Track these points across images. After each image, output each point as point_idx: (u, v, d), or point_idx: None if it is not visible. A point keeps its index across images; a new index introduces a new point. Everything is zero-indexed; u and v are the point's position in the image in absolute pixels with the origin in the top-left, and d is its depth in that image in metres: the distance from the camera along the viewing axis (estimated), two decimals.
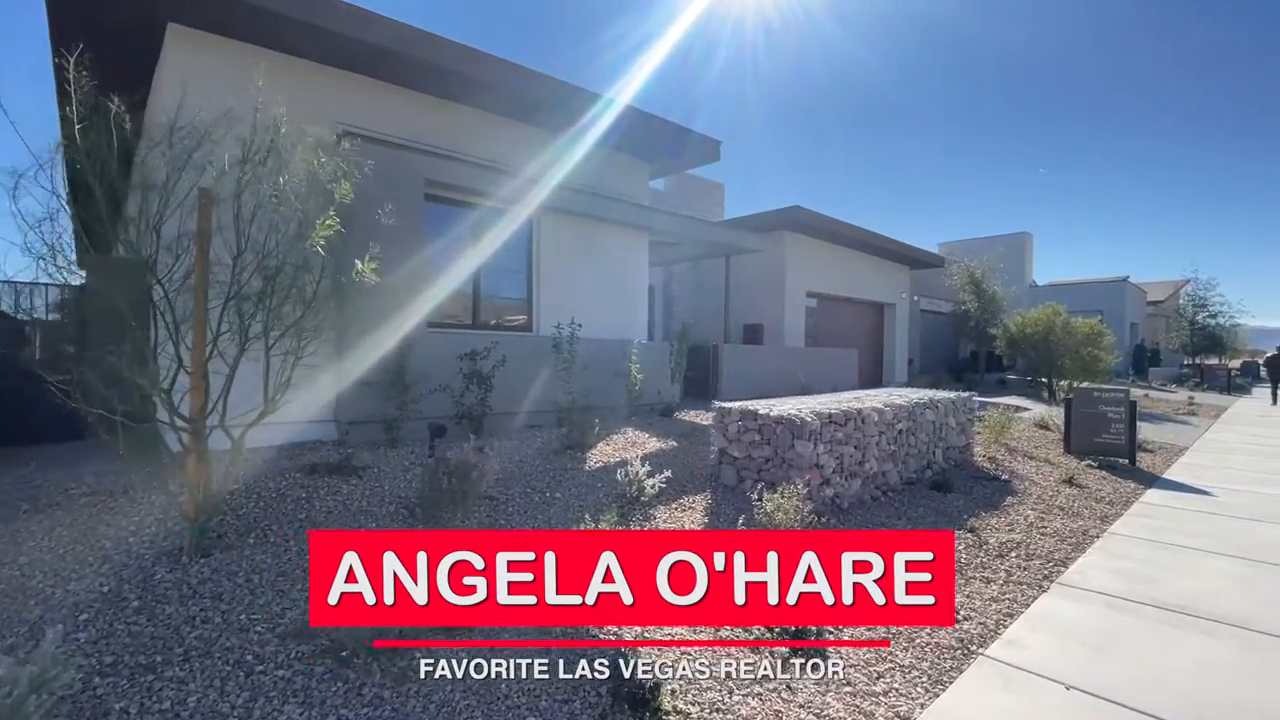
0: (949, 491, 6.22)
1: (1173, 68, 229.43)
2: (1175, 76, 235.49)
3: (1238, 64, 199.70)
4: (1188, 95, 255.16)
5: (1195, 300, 31.60)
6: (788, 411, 5.34)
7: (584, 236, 8.90)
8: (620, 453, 6.53)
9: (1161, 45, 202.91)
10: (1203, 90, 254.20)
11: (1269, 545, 5.11)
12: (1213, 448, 10.05)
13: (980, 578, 4.28)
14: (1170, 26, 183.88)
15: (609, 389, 8.56)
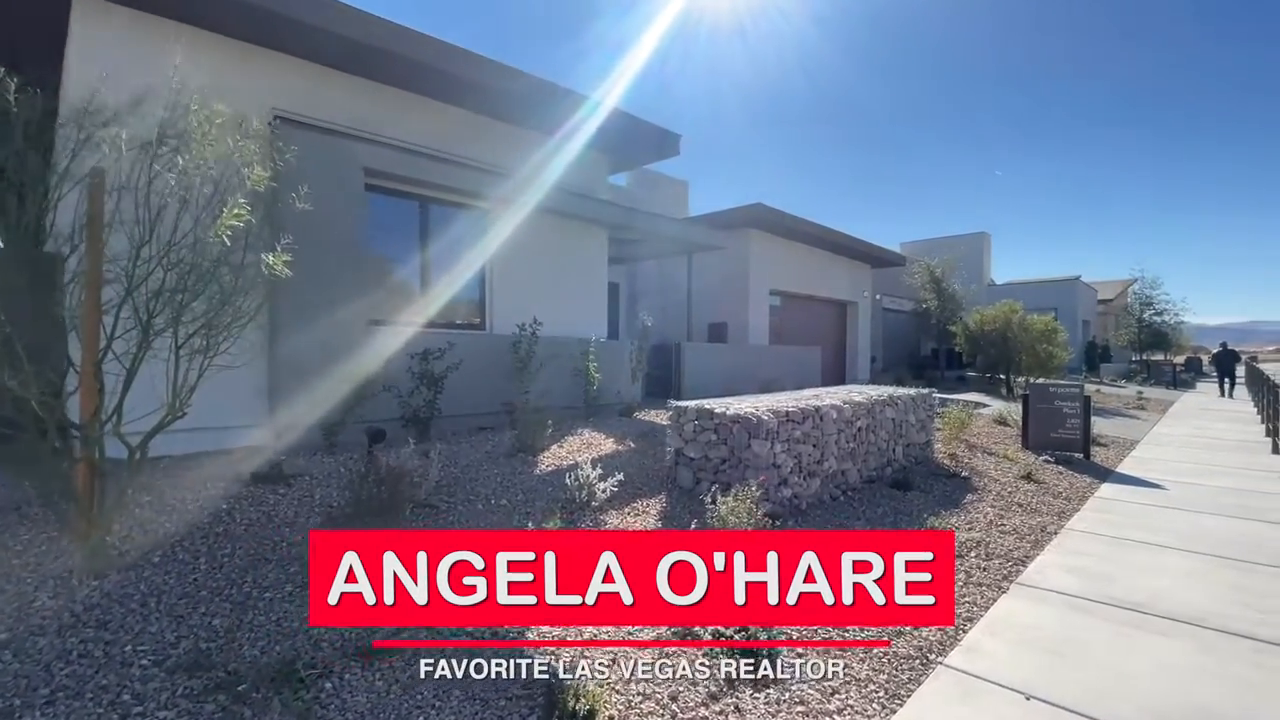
0: (909, 489, 6.13)
1: (1130, 80, 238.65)
2: (1128, 87, 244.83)
3: (1187, 78, 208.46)
4: (1138, 105, 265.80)
5: (1142, 299, 32.76)
6: (744, 410, 5.15)
7: (541, 231, 8.59)
8: (575, 455, 6.27)
9: (1122, 59, 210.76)
10: (1152, 100, 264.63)
11: (1217, 539, 5.12)
12: (1162, 441, 10.28)
13: None
14: (1129, 41, 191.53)
15: (567, 389, 8.29)
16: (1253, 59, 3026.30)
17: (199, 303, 3.72)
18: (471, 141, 8.42)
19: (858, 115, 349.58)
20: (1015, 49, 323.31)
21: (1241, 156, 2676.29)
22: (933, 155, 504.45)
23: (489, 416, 7.39)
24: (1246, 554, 4.75)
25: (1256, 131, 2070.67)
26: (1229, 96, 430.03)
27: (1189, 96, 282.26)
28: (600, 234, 9.39)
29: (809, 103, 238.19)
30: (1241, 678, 3.01)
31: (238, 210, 3.24)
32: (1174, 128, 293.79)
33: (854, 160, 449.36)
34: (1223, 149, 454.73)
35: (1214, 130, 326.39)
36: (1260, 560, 4.61)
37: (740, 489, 4.26)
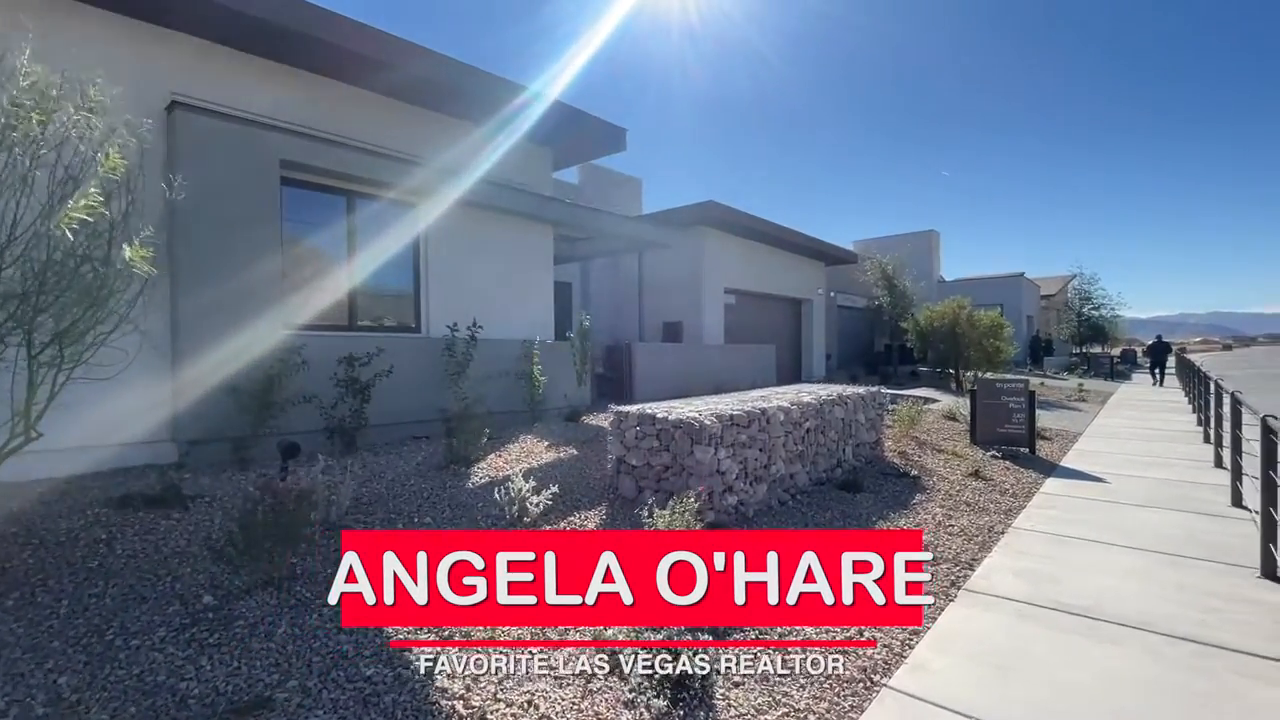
0: (858, 491, 6.00)
1: (1066, 83, 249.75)
2: (1066, 92, 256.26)
3: (1123, 81, 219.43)
4: (1075, 110, 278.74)
5: (1081, 294, 34.14)
6: (687, 414, 4.91)
7: (480, 228, 8.19)
8: (513, 464, 5.93)
9: (1060, 62, 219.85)
10: (1089, 104, 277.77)
11: (1157, 533, 5.13)
12: (1103, 433, 10.53)
13: None
14: (1062, 44, 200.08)
15: (510, 393, 7.92)
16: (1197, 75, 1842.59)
17: (62, 303, 3.26)
18: (403, 133, 7.97)
19: (808, 117, 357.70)
20: (969, 53, 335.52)
21: (1170, 159, 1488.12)
22: (883, 156, 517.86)
23: (424, 425, 6.97)
24: (1184, 548, 4.75)
25: (1181, 139, 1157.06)
26: (1168, 104, 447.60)
27: (1127, 99, 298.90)
28: (545, 231, 9.03)
29: (760, 104, 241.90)
30: (1189, 688, 2.90)
31: (87, 200, 2.80)
32: (1115, 126, 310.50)
33: (805, 160, 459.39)
34: (1153, 151, 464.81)
35: (1144, 133, 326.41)
36: (1197, 555, 4.61)
37: (679, 499, 4.01)
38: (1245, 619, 3.56)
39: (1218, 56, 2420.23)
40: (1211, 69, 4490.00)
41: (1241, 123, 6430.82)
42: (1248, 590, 3.97)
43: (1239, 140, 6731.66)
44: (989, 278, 32.57)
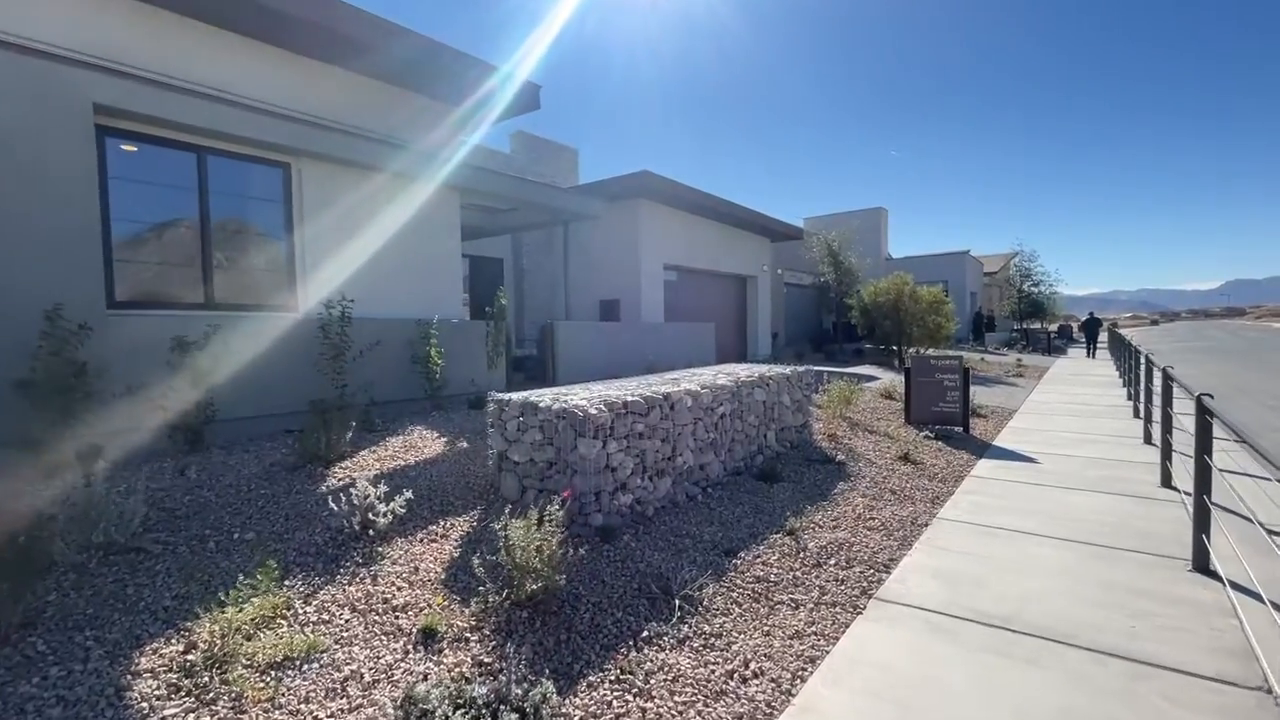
0: (777, 481, 5.48)
1: (1015, 64, 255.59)
2: (1012, 73, 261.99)
3: (1071, 60, 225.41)
4: (1019, 91, 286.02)
5: (1021, 271, 34.89)
6: (574, 403, 4.24)
7: (371, 193, 7.28)
8: (387, 461, 5.17)
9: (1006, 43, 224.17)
10: (1033, 87, 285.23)
11: (1085, 521, 4.77)
12: (1037, 409, 10.39)
13: (788, 602, 3.44)
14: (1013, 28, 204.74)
15: (405, 379, 7.11)
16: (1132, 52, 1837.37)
17: None
18: (270, 83, 6.96)
19: (766, 96, 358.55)
20: (914, 35, 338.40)
21: (1105, 145, 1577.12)
22: (836, 134, 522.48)
23: (298, 417, 6.11)
24: (1113, 538, 4.38)
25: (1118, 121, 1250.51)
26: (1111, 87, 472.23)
27: (1062, 83, 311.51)
28: (451, 199, 8.15)
29: (719, 81, 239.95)
30: None
31: None
32: (1046, 110, 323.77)
33: (762, 139, 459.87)
34: (1090, 136, 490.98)
35: (1081, 117, 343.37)
36: (1126, 545, 4.24)
37: (549, 503, 3.35)
38: (1178, 624, 3.15)
39: (1150, 40, 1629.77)
40: (1142, 54, 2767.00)
41: (1169, 112, 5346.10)
42: (1180, 588, 3.59)
43: (1166, 128, 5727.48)
44: (934, 255, 32.86)
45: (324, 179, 6.89)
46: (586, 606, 3.21)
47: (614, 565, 3.68)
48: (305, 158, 6.71)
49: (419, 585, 3.34)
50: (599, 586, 3.43)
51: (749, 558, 3.94)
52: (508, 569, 3.08)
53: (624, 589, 3.43)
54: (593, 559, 3.73)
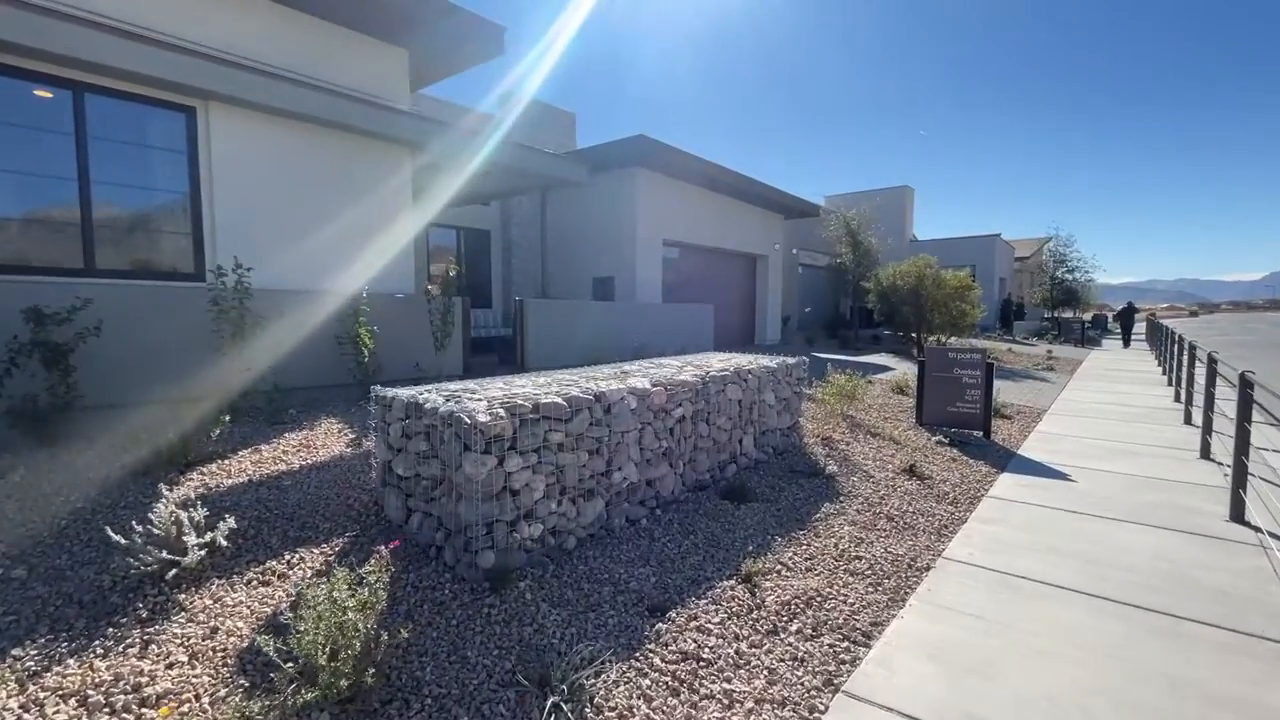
0: (746, 500, 4.47)
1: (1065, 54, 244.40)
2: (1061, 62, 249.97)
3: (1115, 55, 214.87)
4: (1056, 75, 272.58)
5: (1056, 256, 32.92)
6: (468, 404, 3.27)
7: (300, 147, 6.32)
8: (266, 466, 4.26)
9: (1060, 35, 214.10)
10: (1077, 71, 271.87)
11: (1136, 570, 3.70)
12: (1071, 410, 9.18)
13: (719, 698, 2.46)
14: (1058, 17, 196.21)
15: (331, 361, 6.20)
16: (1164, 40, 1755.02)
17: None
18: (179, 13, 5.98)
19: (803, 75, 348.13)
20: None
21: (1146, 132, 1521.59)
22: (869, 112, 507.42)
23: (192, 404, 5.24)
24: (1175, 599, 3.31)
25: (1165, 112, 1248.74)
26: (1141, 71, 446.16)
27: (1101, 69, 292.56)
28: (400, 156, 7.15)
29: (757, 58, 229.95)
30: None
31: None
32: (1078, 97, 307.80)
33: (797, 118, 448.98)
34: (1130, 122, 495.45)
35: (1123, 103, 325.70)
36: (1196, 613, 3.17)
37: (436, 532, 2.40)
38: None
39: (1189, 28, 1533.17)
40: (1173, 44, 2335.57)
41: (1209, 104, 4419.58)
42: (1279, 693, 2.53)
43: (1210, 115, 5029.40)
44: (962, 238, 31.10)
45: (240, 127, 5.93)
46: (422, 708, 2.26)
47: (489, 631, 2.73)
48: (216, 101, 5.76)
49: (202, 660, 2.41)
50: (454, 669, 2.48)
51: (682, 619, 2.95)
52: (300, 657, 2.13)
53: (488, 673, 2.47)
54: (464, 621, 2.78)
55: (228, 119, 5.86)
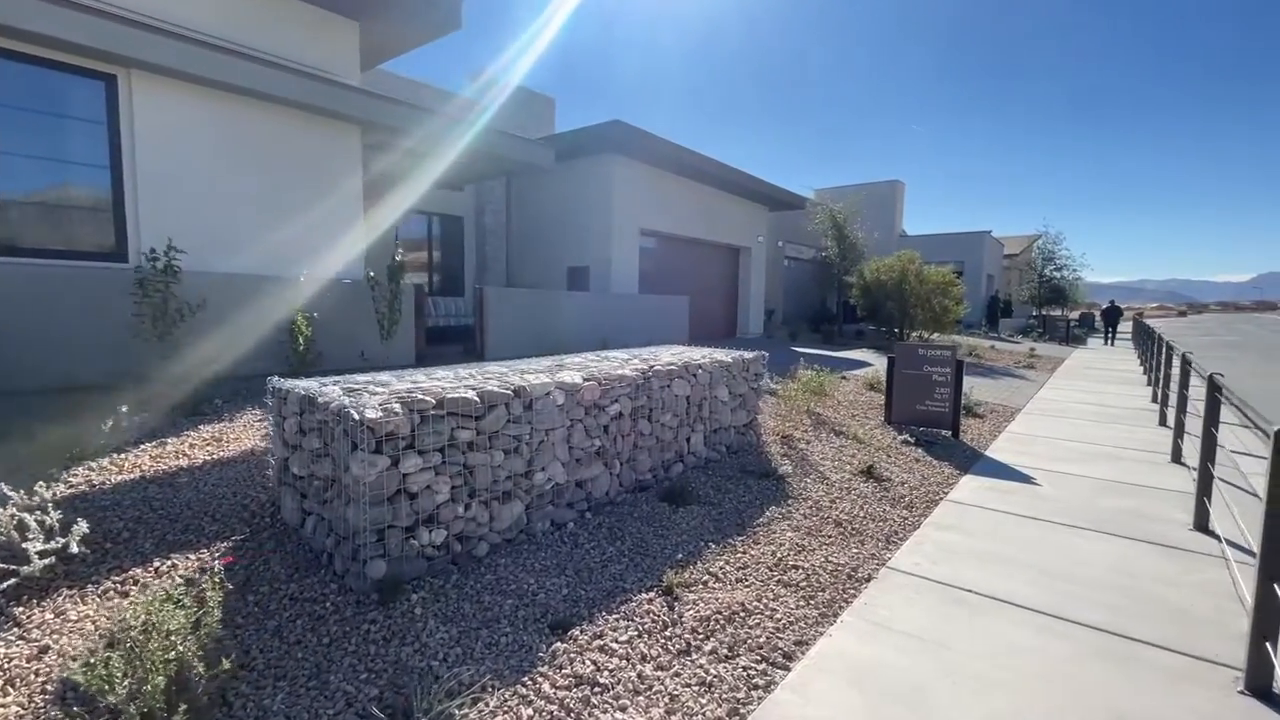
0: (686, 503, 4.20)
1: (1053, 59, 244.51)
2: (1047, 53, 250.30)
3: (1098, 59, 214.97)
4: (1051, 75, 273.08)
5: (1044, 254, 32.80)
6: (369, 398, 2.98)
7: (238, 122, 5.97)
8: (165, 461, 3.95)
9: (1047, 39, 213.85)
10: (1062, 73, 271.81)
11: (1092, 581, 3.47)
12: (1045, 409, 8.98)
13: None
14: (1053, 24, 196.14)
15: (265, 349, 5.87)
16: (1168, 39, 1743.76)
17: None
18: None
19: (792, 68, 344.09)
20: None
21: (1138, 132, 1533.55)
22: (860, 109, 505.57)
23: (112, 395, 4.91)
24: (1130, 618, 3.08)
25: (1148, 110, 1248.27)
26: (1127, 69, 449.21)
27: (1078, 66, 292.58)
28: (347, 134, 6.80)
29: (745, 53, 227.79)
30: None
31: None
32: (1075, 96, 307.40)
33: (785, 112, 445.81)
34: (1123, 122, 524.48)
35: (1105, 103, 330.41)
36: (1149, 634, 2.93)
37: (327, 538, 2.12)
38: None
39: (1188, 30, 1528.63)
40: (1176, 47, 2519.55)
41: (1201, 109, 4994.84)
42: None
43: (1202, 120, 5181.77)
44: (952, 234, 30.92)
45: (167, 98, 5.57)
46: None
47: (363, 651, 2.45)
48: (139, 70, 5.39)
49: (19, 686, 2.12)
50: (309, 697, 2.20)
51: (586, 638, 2.69)
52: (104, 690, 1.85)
53: (347, 701, 2.20)
54: (338, 639, 2.50)
55: (153, 89, 5.50)
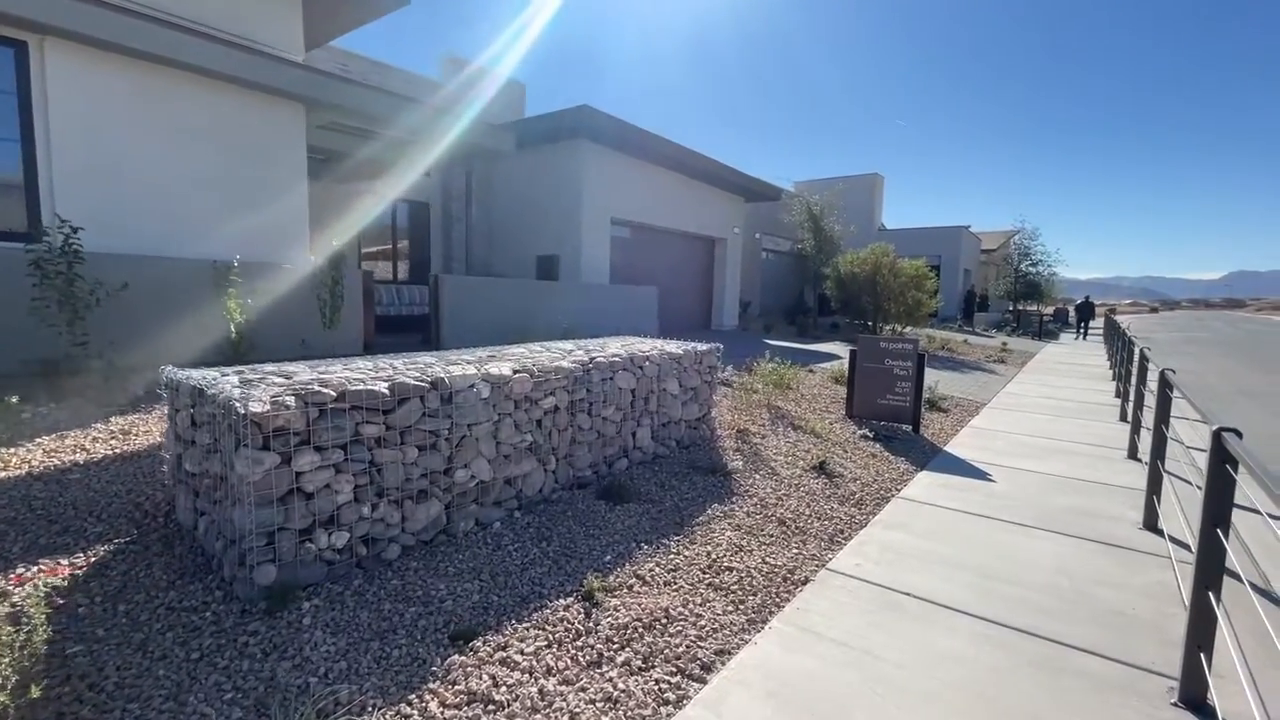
0: (624, 501, 4.03)
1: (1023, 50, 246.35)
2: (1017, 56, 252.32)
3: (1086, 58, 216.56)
4: (1032, 76, 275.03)
5: (1021, 249, 33.07)
6: (264, 390, 2.75)
7: (170, 97, 5.63)
8: (59, 455, 3.68)
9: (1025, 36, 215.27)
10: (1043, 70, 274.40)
11: (1033, 583, 3.36)
12: (1010, 404, 8.95)
13: None
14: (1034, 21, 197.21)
15: (195, 336, 5.58)
16: None
17: None
18: None
19: (783, 63, 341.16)
20: None
21: (1113, 132, 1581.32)
22: (845, 103, 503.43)
23: (13, 383, 4.61)
24: (1068, 621, 2.97)
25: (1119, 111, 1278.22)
26: None
27: None
28: (290, 113, 6.47)
29: (735, 45, 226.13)
30: None
31: None
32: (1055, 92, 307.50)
33: (774, 104, 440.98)
34: (1100, 122, 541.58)
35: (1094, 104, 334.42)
36: (1085, 640, 2.82)
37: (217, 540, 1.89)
38: None
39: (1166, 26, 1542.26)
40: (1146, 49, 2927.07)
41: (1177, 107, 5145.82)
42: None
43: (1173, 122, 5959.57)
44: (929, 229, 31.05)
45: (86, 68, 5.22)
46: None
47: (234, 667, 2.24)
48: (54, 36, 5.03)
49: None
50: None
51: (488, 649, 2.50)
52: None
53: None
54: (209, 654, 2.29)
55: (68, 58, 5.14)
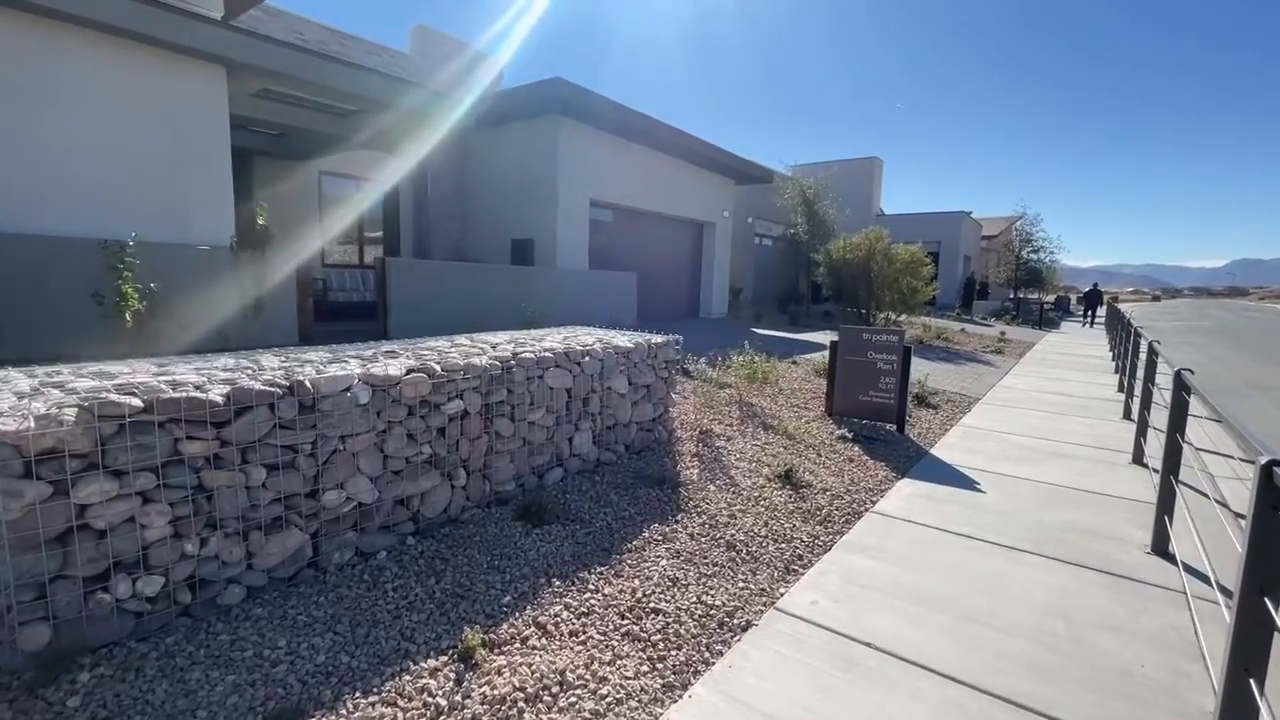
0: (545, 522, 3.46)
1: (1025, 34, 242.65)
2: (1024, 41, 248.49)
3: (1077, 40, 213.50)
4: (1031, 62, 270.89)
5: (1022, 236, 32.33)
6: (68, 396, 2.16)
7: (51, 53, 4.98)
8: None
9: None
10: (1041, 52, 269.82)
11: (1020, 630, 2.79)
12: (1005, 400, 8.37)
13: None
14: None
15: (87, 326, 4.98)
16: None
17: None
18: None
19: (785, 48, 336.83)
20: None
21: (1116, 119, 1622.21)
22: (850, 87, 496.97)
23: None
24: (1060, 695, 2.40)
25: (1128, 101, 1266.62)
26: None
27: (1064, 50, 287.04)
28: (207, 74, 5.82)
29: (738, 29, 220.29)
30: None
31: None
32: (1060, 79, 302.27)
33: (773, 86, 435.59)
34: (1100, 110, 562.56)
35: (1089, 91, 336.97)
36: (1083, 718, 2.26)
37: None
38: None
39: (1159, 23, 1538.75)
40: (1152, 37, 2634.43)
41: (1179, 95, 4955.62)
42: None
43: (1178, 110, 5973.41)
44: (930, 214, 30.29)
45: None
46: None
47: None
48: None
49: None
50: None
51: None
52: None
53: None
54: None
55: None
